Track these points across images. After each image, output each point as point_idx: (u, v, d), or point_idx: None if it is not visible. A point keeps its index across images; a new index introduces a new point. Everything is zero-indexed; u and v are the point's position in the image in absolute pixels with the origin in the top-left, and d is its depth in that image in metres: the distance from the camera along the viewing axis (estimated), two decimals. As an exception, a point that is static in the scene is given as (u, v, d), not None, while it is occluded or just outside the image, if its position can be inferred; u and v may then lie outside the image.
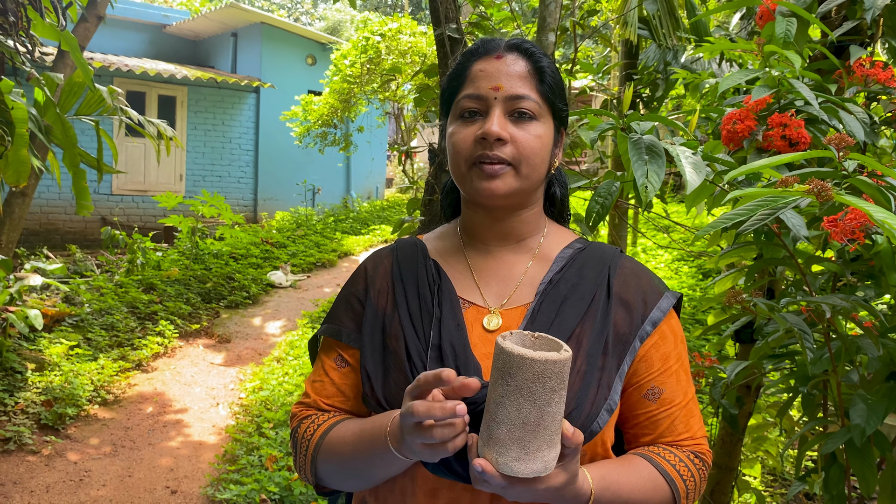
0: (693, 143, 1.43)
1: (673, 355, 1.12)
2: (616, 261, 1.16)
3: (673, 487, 1.06)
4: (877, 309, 1.50)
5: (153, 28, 14.17)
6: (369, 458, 1.03)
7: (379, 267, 1.21)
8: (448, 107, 1.16)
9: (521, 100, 1.08)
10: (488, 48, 1.13)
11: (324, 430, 1.11)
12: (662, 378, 1.11)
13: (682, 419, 1.12)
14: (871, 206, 1.05)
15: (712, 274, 7.22)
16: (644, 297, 1.13)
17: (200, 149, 12.75)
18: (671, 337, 1.13)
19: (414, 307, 1.12)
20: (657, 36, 3.48)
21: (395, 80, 10.84)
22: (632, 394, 1.11)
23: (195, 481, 3.86)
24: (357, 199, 14.47)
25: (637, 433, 1.13)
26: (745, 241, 1.62)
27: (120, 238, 8.15)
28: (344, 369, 1.17)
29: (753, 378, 2.00)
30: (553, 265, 1.16)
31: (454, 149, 1.11)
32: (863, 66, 1.67)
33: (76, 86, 3.92)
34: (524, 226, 1.18)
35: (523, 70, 1.10)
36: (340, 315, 1.19)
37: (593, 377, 1.04)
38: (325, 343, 1.22)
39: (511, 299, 1.13)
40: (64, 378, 4.78)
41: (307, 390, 1.19)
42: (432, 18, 3.30)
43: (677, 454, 1.10)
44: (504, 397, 0.85)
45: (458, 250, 1.20)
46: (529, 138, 1.08)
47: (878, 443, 1.51)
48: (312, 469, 1.11)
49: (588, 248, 1.19)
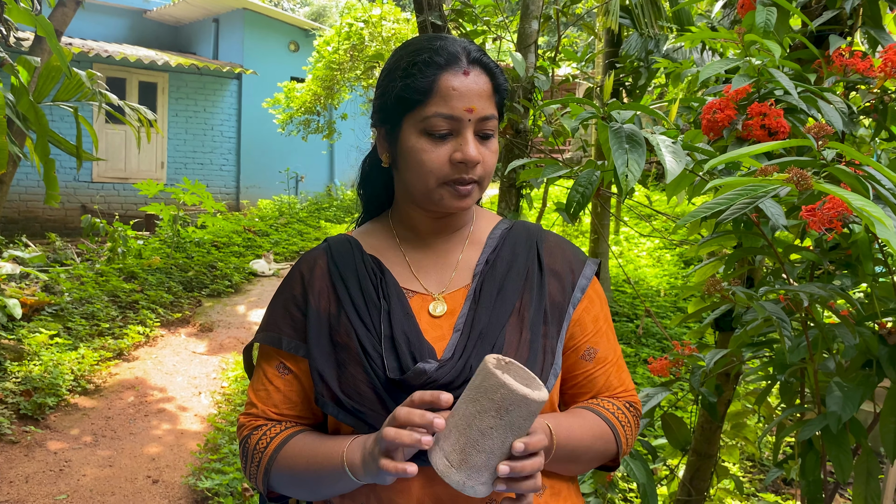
0: (673, 133, 1.43)
1: (601, 316, 1.22)
2: (542, 235, 1.25)
3: (614, 431, 1.16)
4: (853, 298, 1.51)
5: (133, 13, 13.97)
6: (324, 477, 1.07)
7: (315, 269, 1.20)
8: (403, 112, 1.12)
9: (488, 120, 1.12)
10: (451, 60, 1.10)
11: (277, 443, 1.12)
12: (596, 339, 1.20)
13: (616, 374, 1.22)
14: (850, 194, 1.05)
15: (694, 262, 7.27)
16: (570, 266, 1.21)
17: (182, 136, 12.62)
18: (597, 300, 1.23)
19: (359, 302, 1.14)
20: (639, 25, 3.48)
21: (378, 67, 10.78)
22: (569, 356, 1.19)
23: (177, 470, 3.85)
24: (341, 186, 14.40)
25: (576, 393, 1.21)
26: (725, 230, 1.62)
27: (100, 226, 8.07)
28: (287, 376, 1.16)
29: (732, 366, 2.01)
30: (486, 247, 1.22)
31: (424, 167, 1.10)
32: (842, 55, 1.67)
33: (54, 70, 3.86)
34: (463, 218, 1.24)
35: (488, 88, 1.12)
36: (279, 322, 1.18)
37: (539, 345, 1.11)
38: (263, 351, 1.20)
39: (451, 284, 1.18)
40: (44, 368, 4.73)
41: (252, 400, 1.18)
42: (415, 5, 3.27)
43: (616, 403, 1.20)
44: (494, 430, 0.88)
45: (394, 244, 1.23)
46: (492, 156, 1.13)
47: (854, 430, 1.53)
48: (265, 480, 1.12)
49: (514, 227, 1.26)
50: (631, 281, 5.14)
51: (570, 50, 4.73)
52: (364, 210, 1.34)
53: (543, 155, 5.84)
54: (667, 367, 1.88)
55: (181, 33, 14.66)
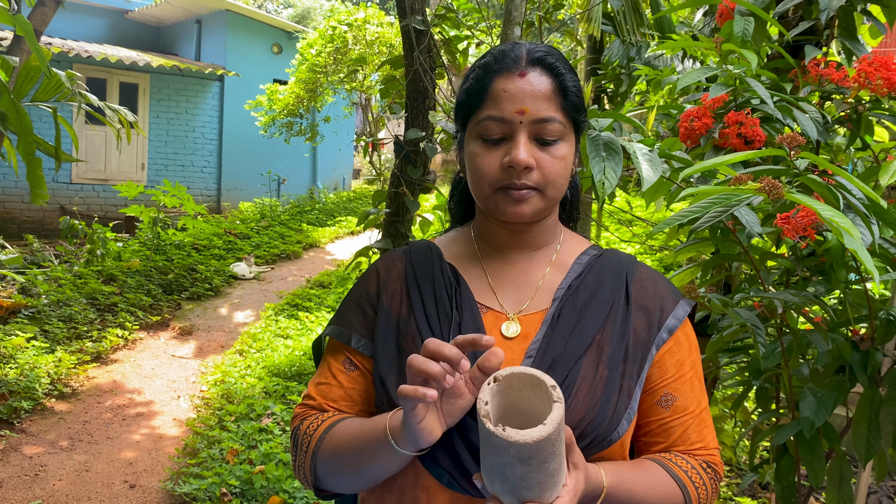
0: (650, 141, 1.45)
1: (687, 363, 1.12)
2: (633, 267, 1.16)
3: (685, 493, 1.06)
4: (827, 304, 1.54)
5: (114, 13, 13.86)
6: (366, 451, 1.01)
7: (392, 270, 1.18)
8: (466, 120, 1.11)
9: (546, 123, 1.05)
10: (509, 63, 1.07)
11: (327, 426, 1.09)
12: (676, 385, 1.10)
13: (695, 428, 1.11)
14: (820, 204, 1.07)
15: (673, 267, 7.32)
16: (661, 303, 1.12)
17: (163, 137, 12.52)
18: (686, 344, 1.13)
19: (431, 310, 1.10)
20: (621, 32, 3.51)
21: (361, 71, 10.78)
22: (644, 399, 1.10)
23: (154, 475, 3.81)
24: (323, 190, 14.35)
25: (649, 441, 1.12)
26: (702, 237, 1.64)
27: (79, 228, 7.99)
28: (353, 373, 1.13)
29: (709, 371, 2.03)
30: (570, 272, 1.15)
31: (478, 172, 1.07)
32: (817, 66, 1.70)
33: (33, 70, 3.82)
34: (542, 234, 1.16)
35: (548, 89, 1.06)
36: (350, 318, 1.16)
37: (615, 384, 1.04)
38: (331, 345, 1.18)
39: (529, 305, 1.12)
40: (19, 371, 4.67)
41: (311, 392, 1.16)
42: (398, 10, 3.28)
43: (690, 461, 1.09)
44: (530, 471, 0.85)
45: (474, 255, 1.18)
46: (555, 162, 1.06)
47: (827, 434, 1.55)
48: (312, 465, 1.08)
49: (604, 254, 1.18)
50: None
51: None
52: (451, 217, 1.31)
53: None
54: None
55: (163, 34, 14.56)
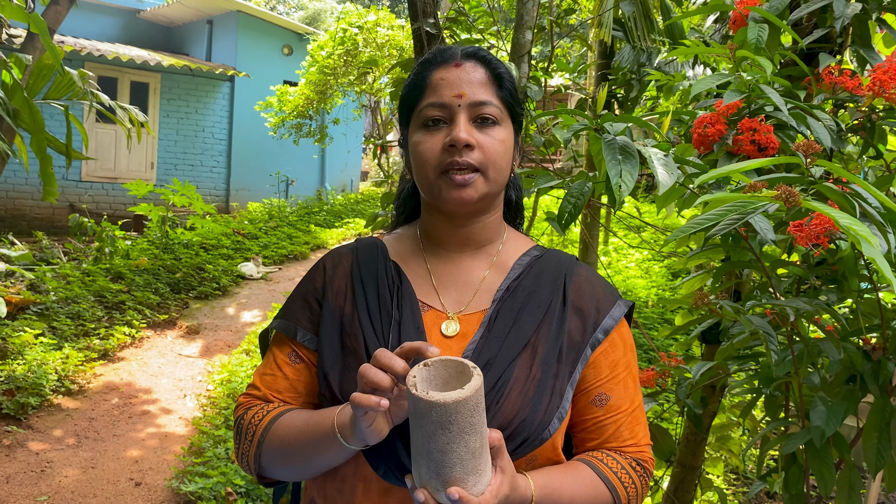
0: (664, 146, 1.45)
1: (622, 363, 1.15)
2: (572, 269, 1.18)
3: (614, 494, 1.09)
4: (839, 313, 1.53)
5: (127, 13, 13.94)
6: (313, 445, 1.04)
7: (338, 266, 1.20)
8: (408, 116, 1.16)
9: (483, 105, 1.10)
10: (445, 57, 1.14)
11: (272, 417, 1.11)
12: (610, 385, 1.13)
13: (628, 426, 1.14)
14: (837, 212, 1.07)
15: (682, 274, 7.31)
16: (597, 304, 1.15)
17: (173, 137, 12.58)
18: (621, 345, 1.16)
19: (374, 308, 1.12)
20: (632, 37, 3.50)
21: (371, 73, 10.80)
22: (579, 399, 1.13)
23: (160, 473, 3.82)
24: (331, 191, 14.38)
25: (584, 437, 1.15)
26: (714, 244, 1.63)
27: (88, 225, 8.01)
28: (298, 365, 1.16)
29: (718, 378, 2.02)
30: (510, 272, 1.17)
31: (421, 158, 1.11)
32: (831, 73, 1.69)
33: (45, 68, 3.84)
34: (485, 231, 1.18)
35: (483, 77, 1.12)
36: (296, 312, 1.18)
37: (547, 385, 1.06)
38: (277, 337, 1.20)
39: (469, 305, 1.14)
40: (27, 367, 4.69)
41: (256, 383, 1.18)
42: (410, 13, 3.29)
43: (620, 461, 1.12)
44: (450, 443, 0.87)
45: (418, 253, 1.20)
46: (494, 143, 1.10)
47: (837, 444, 1.54)
48: (257, 455, 1.10)
49: (545, 255, 1.20)
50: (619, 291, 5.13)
51: (562, 61, 4.76)
52: (397, 216, 1.33)
53: (534, 164, 5.86)
54: (653, 378, 1.89)
55: (174, 34, 14.63)
